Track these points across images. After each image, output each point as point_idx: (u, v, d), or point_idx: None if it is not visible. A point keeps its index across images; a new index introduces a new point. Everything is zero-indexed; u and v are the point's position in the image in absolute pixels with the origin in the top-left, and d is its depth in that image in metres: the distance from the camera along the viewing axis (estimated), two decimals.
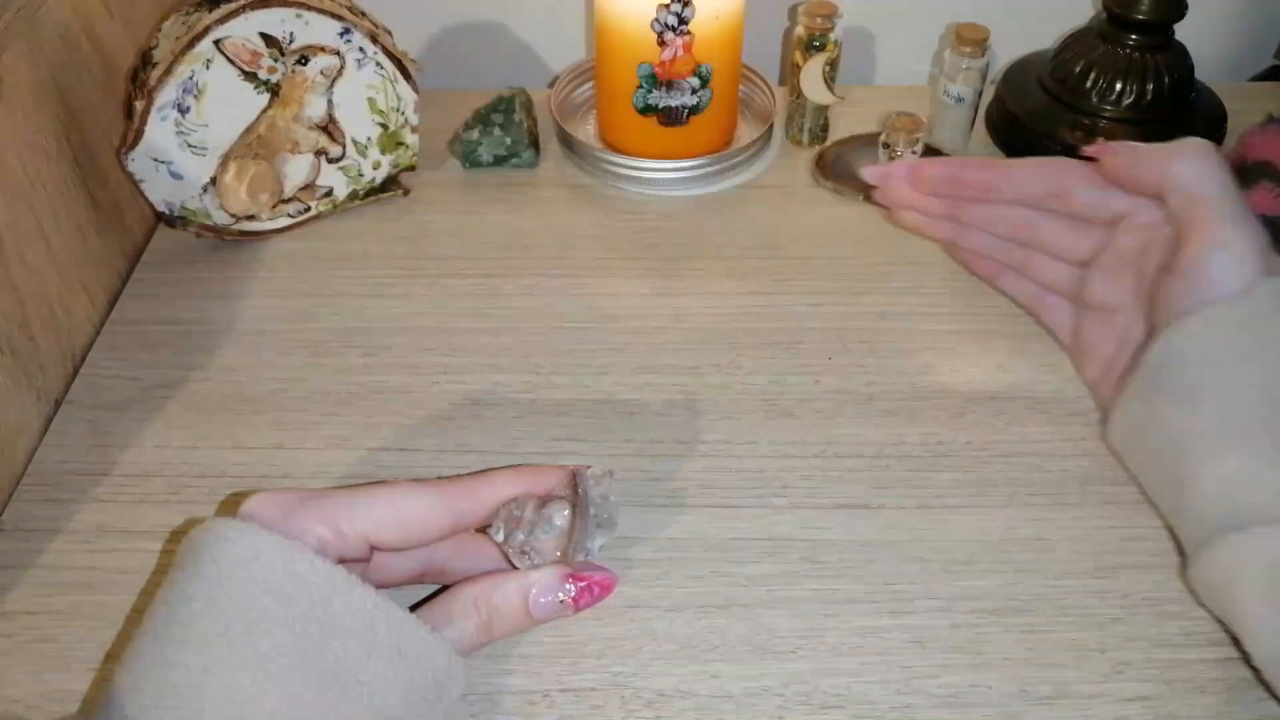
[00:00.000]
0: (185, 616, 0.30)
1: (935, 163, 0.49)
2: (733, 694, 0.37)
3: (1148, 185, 0.42)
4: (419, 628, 0.32)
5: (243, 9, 0.50)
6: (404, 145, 0.59)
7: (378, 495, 0.34)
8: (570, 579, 0.35)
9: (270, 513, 0.32)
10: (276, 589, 0.30)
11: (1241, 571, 0.35)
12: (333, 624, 0.30)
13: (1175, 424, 0.39)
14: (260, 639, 0.30)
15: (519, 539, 0.36)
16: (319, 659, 0.30)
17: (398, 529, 0.34)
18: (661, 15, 0.55)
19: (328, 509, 0.33)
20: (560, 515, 0.36)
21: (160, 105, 0.51)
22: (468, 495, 0.36)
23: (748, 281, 0.55)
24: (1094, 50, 0.60)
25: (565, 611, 0.35)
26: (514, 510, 0.36)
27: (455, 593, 0.35)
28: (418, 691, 0.32)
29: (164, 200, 0.54)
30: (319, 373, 0.50)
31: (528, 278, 0.55)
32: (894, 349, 0.51)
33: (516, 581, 0.35)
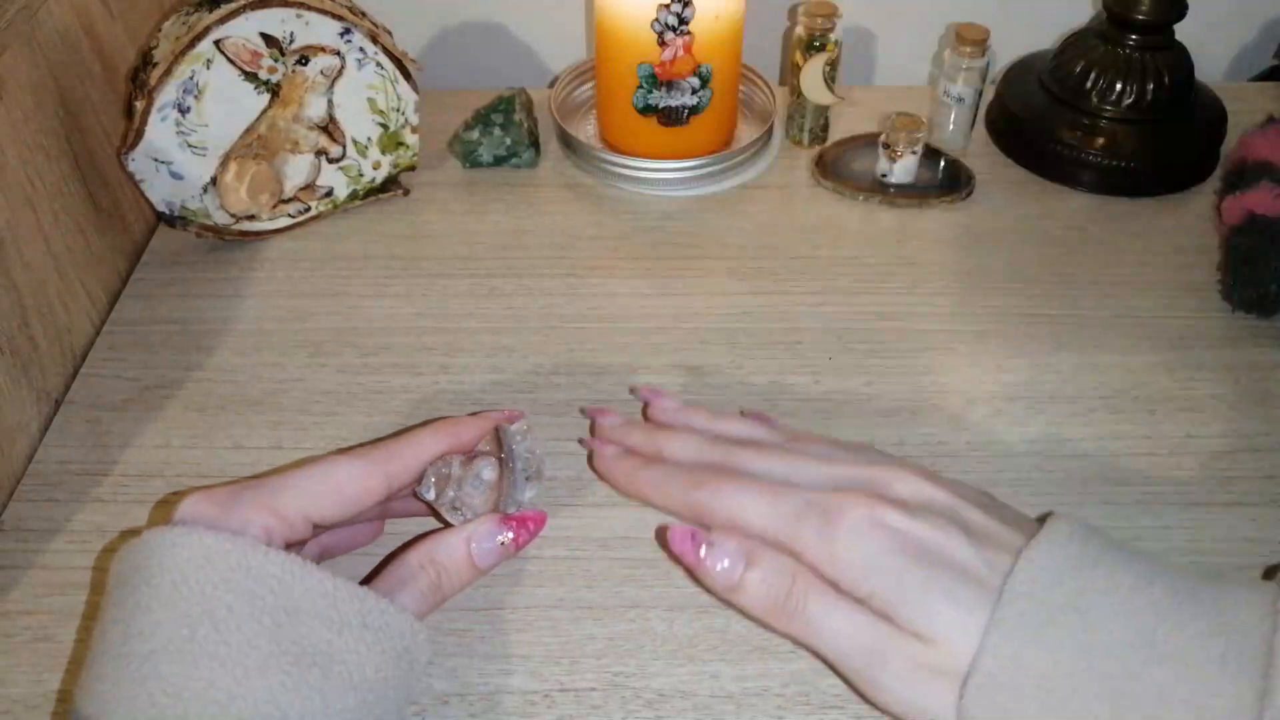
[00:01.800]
0: (146, 628, 0.30)
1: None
2: (733, 694, 0.37)
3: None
4: (379, 601, 0.32)
5: (243, 9, 0.50)
6: (404, 145, 0.59)
7: (310, 473, 0.34)
8: (504, 522, 0.36)
9: (208, 511, 0.32)
10: (235, 585, 0.30)
11: None
12: (297, 609, 0.31)
13: None
14: (231, 635, 0.29)
15: (449, 495, 0.37)
16: (293, 646, 0.30)
17: (335, 503, 0.34)
18: (662, 15, 0.55)
19: (264, 497, 0.33)
20: (488, 470, 0.37)
21: (160, 105, 0.51)
22: (396, 457, 0.37)
23: (748, 281, 0.55)
24: (1094, 50, 0.60)
25: (508, 553, 0.36)
26: (441, 468, 0.37)
27: (400, 560, 0.35)
28: (390, 663, 0.32)
29: (164, 200, 0.54)
30: (319, 373, 0.50)
31: (528, 278, 0.55)
32: (894, 349, 0.51)
33: (455, 535, 0.36)
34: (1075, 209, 0.60)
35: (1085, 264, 0.56)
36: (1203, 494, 0.44)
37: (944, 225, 0.59)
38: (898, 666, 0.32)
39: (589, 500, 0.44)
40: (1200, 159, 0.62)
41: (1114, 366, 0.50)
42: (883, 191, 0.60)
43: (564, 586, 0.41)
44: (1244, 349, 0.51)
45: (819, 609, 0.33)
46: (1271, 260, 0.50)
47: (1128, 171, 0.60)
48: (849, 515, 0.34)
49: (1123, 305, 0.53)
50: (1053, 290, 0.54)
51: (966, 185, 0.60)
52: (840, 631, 0.33)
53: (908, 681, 0.32)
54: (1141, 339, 0.51)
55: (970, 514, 0.35)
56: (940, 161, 0.62)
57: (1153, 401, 0.48)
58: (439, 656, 0.38)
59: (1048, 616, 0.31)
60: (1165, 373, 0.49)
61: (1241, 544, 0.42)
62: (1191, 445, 0.46)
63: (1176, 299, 0.53)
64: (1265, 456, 0.45)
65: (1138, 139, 0.60)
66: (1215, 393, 0.48)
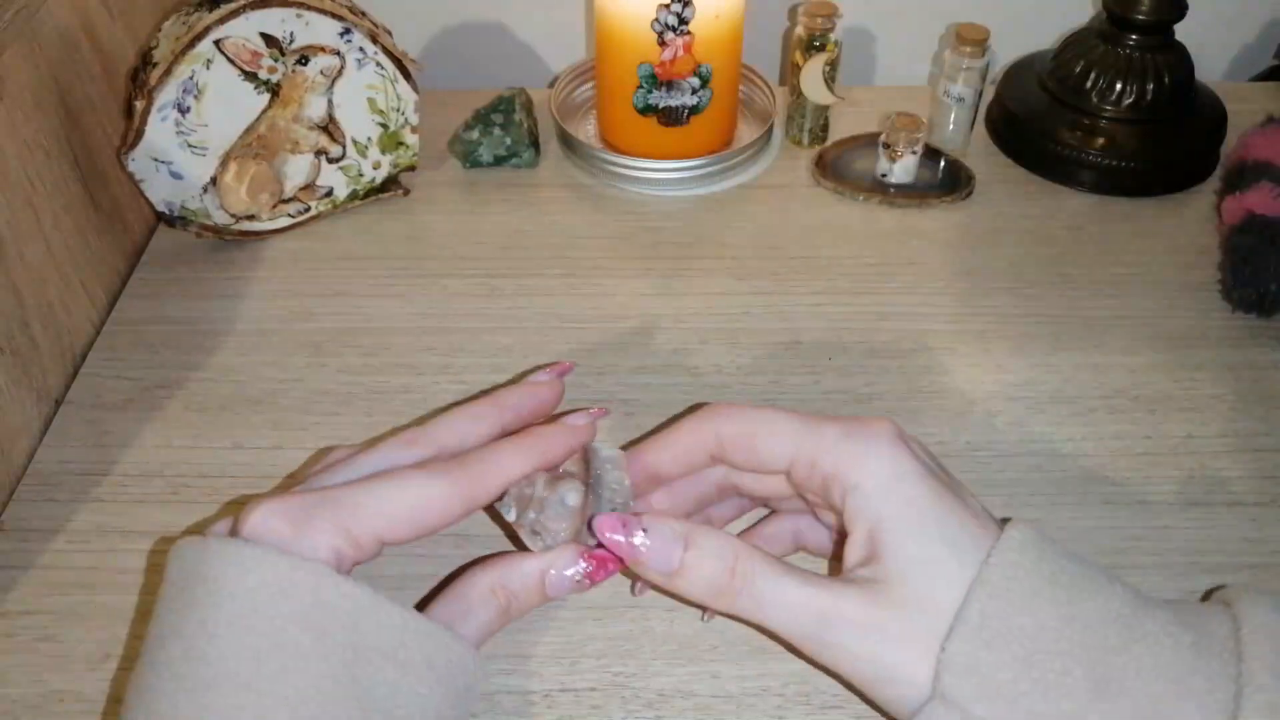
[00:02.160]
0: (210, 654, 0.29)
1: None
2: (733, 694, 0.37)
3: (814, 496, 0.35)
4: (448, 637, 0.31)
5: (243, 9, 0.50)
6: (404, 145, 0.59)
7: (387, 490, 0.32)
8: (584, 556, 0.34)
9: (280, 530, 0.30)
10: (305, 619, 0.29)
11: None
12: (365, 648, 0.30)
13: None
14: (295, 676, 0.28)
15: (530, 518, 0.35)
16: (354, 687, 0.29)
17: (410, 524, 0.32)
18: (662, 15, 0.55)
19: (339, 517, 0.31)
20: (573, 495, 0.35)
21: (160, 105, 0.51)
22: (479, 480, 0.34)
23: (748, 281, 0.55)
24: (1094, 50, 0.60)
25: (581, 588, 0.34)
26: (525, 488, 0.35)
27: (470, 581, 0.34)
28: (450, 702, 0.31)
29: (164, 200, 0.54)
30: (319, 373, 0.50)
31: (528, 278, 0.55)
32: (894, 349, 0.51)
33: (532, 562, 0.34)
34: (1075, 209, 0.60)
35: (1085, 264, 0.56)
36: (1203, 494, 0.44)
37: (944, 225, 0.59)
38: (860, 624, 0.31)
39: None
40: (1200, 159, 0.62)
41: (1114, 366, 0.50)
42: (883, 191, 0.60)
43: None
44: (1244, 349, 0.51)
45: (767, 582, 0.32)
46: (1271, 260, 0.50)
47: (1128, 171, 0.60)
48: (878, 425, 0.33)
49: (1123, 305, 0.53)
50: (1053, 290, 0.54)
51: (966, 185, 0.60)
52: (793, 601, 0.31)
53: (871, 639, 0.31)
54: (1141, 339, 0.51)
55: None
56: (940, 161, 0.62)
57: (1153, 401, 0.48)
58: None
59: (1034, 585, 0.30)
60: (1165, 373, 0.49)
61: (1241, 544, 0.42)
62: (1191, 445, 0.46)
63: (1176, 299, 0.53)
64: (1265, 456, 0.45)
65: (1138, 139, 0.60)
66: (1215, 393, 0.48)
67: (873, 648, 0.31)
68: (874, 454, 0.32)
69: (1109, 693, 0.29)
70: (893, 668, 0.31)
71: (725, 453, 0.35)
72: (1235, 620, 0.30)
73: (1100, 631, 0.29)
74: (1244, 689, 0.28)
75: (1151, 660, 0.29)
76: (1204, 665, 0.29)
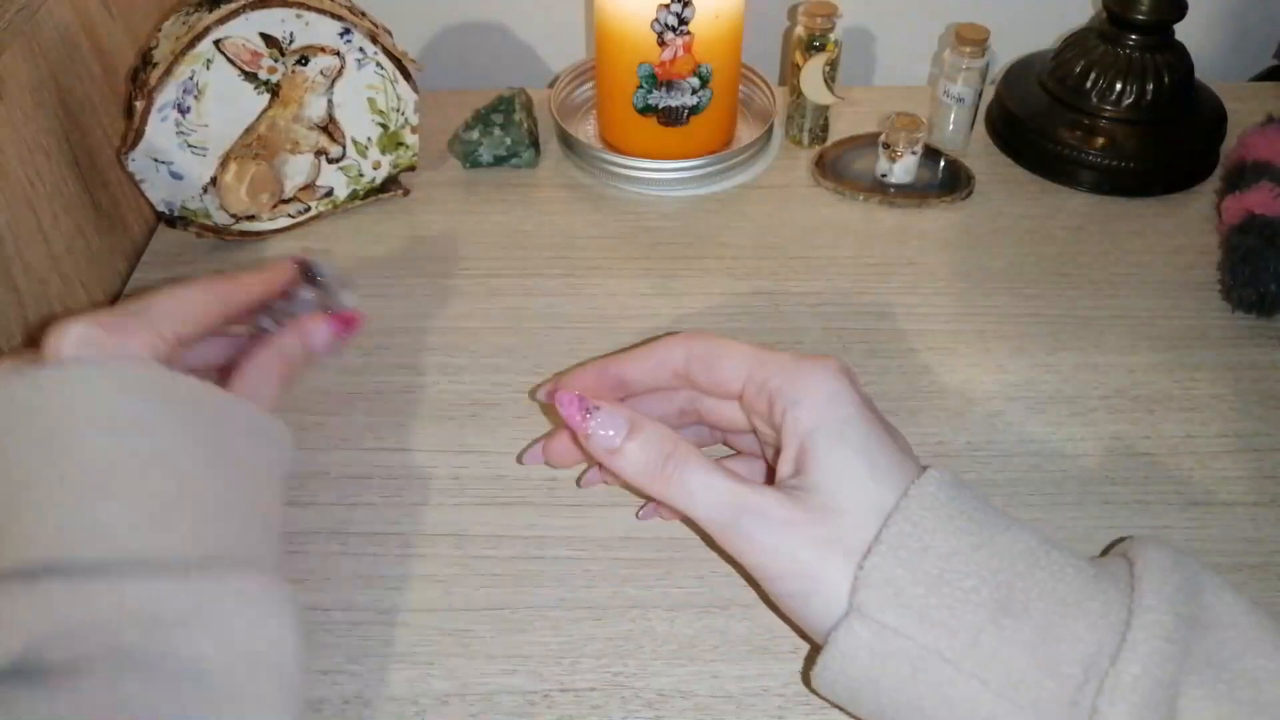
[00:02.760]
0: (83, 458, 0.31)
1: (570, 384, 0.40)
2: (733, 694, 0.37)
3: (756, 412, 0.37)
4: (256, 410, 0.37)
5: (243, 9, 0.50)
6: (404, 145, 0.59)
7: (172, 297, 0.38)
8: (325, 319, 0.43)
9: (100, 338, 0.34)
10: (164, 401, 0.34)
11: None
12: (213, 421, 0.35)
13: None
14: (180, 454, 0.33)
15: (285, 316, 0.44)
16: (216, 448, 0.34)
17: (192, 323, 0.38)
18: (661, 15, 0.55)
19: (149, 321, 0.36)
20: (306, 291, 0.45)
21: (160, 105, 0.51)
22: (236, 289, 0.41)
23: (748, 281, 0.55)
24: (1094, 50, 0.60)
25: (336, 342, 0.43)
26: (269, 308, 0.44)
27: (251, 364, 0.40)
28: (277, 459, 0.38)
29: (164, 200, 0.54)
30: (319, 373, 0.50)
31: (528, 278, 0.55)
32: (894, 349, 0.51)
33: (289, 334, 0.42)
34: (1075, 209, 0.60)
35: (1085, 264, 0.56)
36: (1203, 494, 0.44)
37: (944, 225, 0.59)
38: (777, 520, 0.33)
39: (589, 500, 0.44)
40: (1200, 159, 0.62)
41: (1114, 366, 0.50)
42: (883, 191, 0.60)
43: (564, 586, 0.41)
44: (1244, 349, 0.51)
45: (695, 474, 0.34)
46: (1271, 260, 0.50)
47: (1128, 171, 0.60)
48: (824, 359, 0.36)
49: (1123, 305, 0.53)
50: (1053, 290, 0.54)
51: (966, 185, 0.60)
52: (714, 489, 0.34)
53: (785, 535, 0.33)
54: (1141, 339, 0.51)
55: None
56: (940, 161, 0.62)
57: (1153, 401, 0.48)
58: (439, 656, 0.39)
59: (949, 514, 0.32)
60: (1165, 373, 0.49)
61: (1241, 544, 0.42)
62: (1191, 445, 0.46)
63: (1176, 299, 0.53)
64: (1265, 456, 0.45)
65: (1138, 139, 0.60)
66: (1215, 393, 0.48)
67: (784, 543, 0.33)
68: (817, 377, 0.35)
69: (1012, 610, 0.31)
70: (802, 564, 0.33)
71: (690, 371, 0.38)
72: (1131, 561, 0.33)
73: (1009, 559, 0.32)
74: (1134, 611, 0.30)
75: (1053, 585, 0.31)
76: (1101, 592, 0.31)
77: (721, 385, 0.38)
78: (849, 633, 0.31)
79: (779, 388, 0.35)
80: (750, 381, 0.37)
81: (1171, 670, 0.29)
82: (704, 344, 0.38)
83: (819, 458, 0.34)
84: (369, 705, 0.37)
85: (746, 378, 0.37)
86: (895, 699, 0.31)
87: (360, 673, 0.38)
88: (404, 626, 0.40)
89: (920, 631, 0.31)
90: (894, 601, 0.31)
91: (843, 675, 0.32)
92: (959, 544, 0.32)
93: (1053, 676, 0.30)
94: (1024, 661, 0.30)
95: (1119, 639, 0.30)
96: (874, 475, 0.33)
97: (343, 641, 0.39)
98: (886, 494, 0.33)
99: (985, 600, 0.31)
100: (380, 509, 0.44)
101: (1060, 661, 0.30)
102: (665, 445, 0.35)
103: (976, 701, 0.30)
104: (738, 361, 0.37)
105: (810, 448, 0.34)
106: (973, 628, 0.30)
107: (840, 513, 0.33)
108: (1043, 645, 0.30)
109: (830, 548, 0.32)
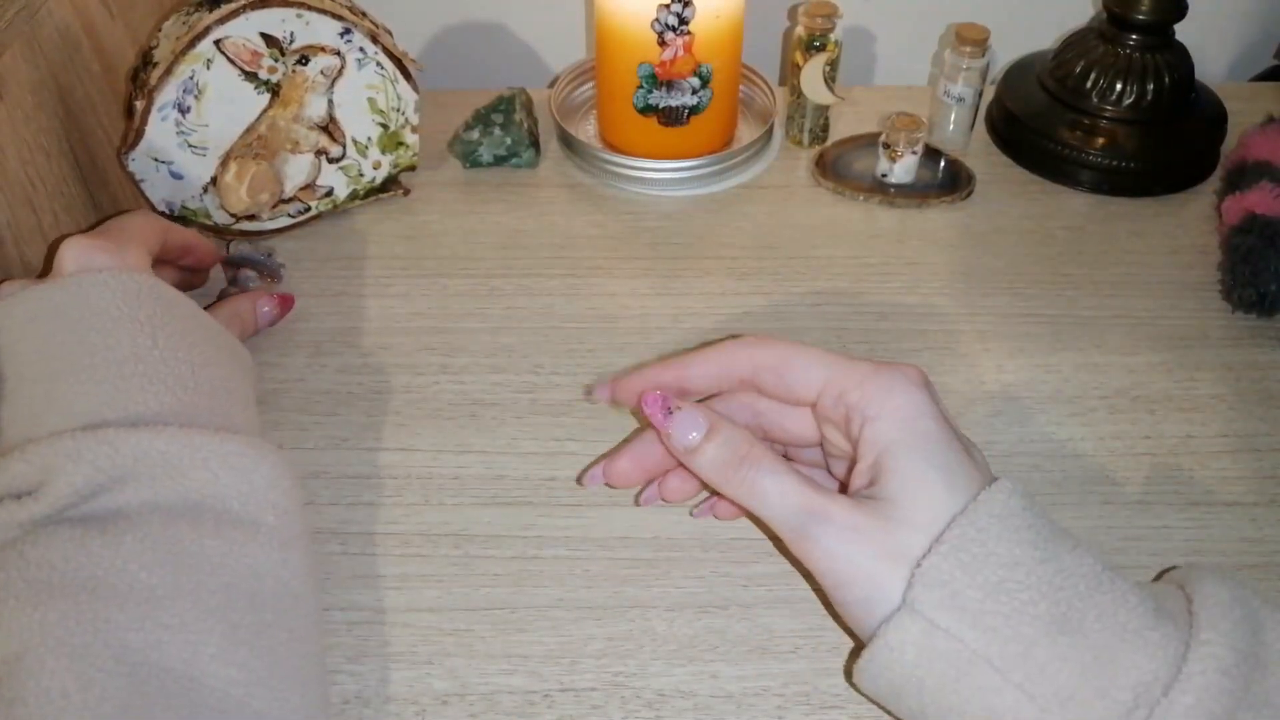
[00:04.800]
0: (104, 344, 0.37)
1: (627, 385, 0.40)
2: (733, 694, 0.37)
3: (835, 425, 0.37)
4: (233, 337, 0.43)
5: (243, 9, 0.50)
6: (404, 145, 0.59)
7: (140, 222, 0.44)
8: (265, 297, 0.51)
9: (106, 260, 0.39)
10: (174, 311, 0.40)
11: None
12: (202, 326, 0.41)
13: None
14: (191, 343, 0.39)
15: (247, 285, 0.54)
16: (207, 342, 0.40)
17: (155, 245, 0.44)
18: (662, 15, 0.55)
19: (139, 239, 0.42)
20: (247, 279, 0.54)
21: (160, 105, 0.51)
22: (166, 222, 0.47)
23: (748, 281, 0.55)
24: (1094, 50, 0.60)
25: (275, 311, 0.51)
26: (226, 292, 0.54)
27: (218, 310, 0.48)
28: (249, 377, 0.43)
29: (164, 200, 0.54)
30: (319, 373, 0.50)
31: (528, 278, 0.55)
32: (894, 349, 0.51)
33: (244, 300, 0.50)
34: (1075, 209, 0.60)
35: (1085, 264, 0.56)
36: (1203, 494, 0.44)
37: (944, 225, 0.59)
38: (844, 527, 0.33)
39: (589, 500, 0.44)
40: (1200, 159, 0.62)
41: (1114, 366, 0.50)
42: (883, 191, 0.60)
43: (564, 586, 0.41)
44: (1244, 349, 0.51)
45: (768, 475, 0.35)
46: (1271, 260, 0.50)
47: (1128, 171, 0.60)
48: (907, 369, 0.36)
49: (1123, 305, 0.53)
50: (1053, 290, 0.54)
51: (966, 185, 0.60)
52: (784, 491, 0.34)
53: (851, 542, 0.33)
54: (1141, 339, 0.51)
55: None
56: (940, 161, 0.62)
57: (1153, 401, 0.48)
58: (439, 656, 0.39)
59: (1016, 525, 0.32)
60: (1165, 373, 0.49)
61: (1241, 544, 0.42)
62: (1191, 445, 0.46)
63: (1176, 299, 0.53)
64: (1265, 456, 0.45)
65: (1138, 139, 0.60)
66: (1215, 393, 0.48)
67: (852, 550, 0.33)
68: (899, 390, 0.35)
69: (1068, 628, 0.30)
70: (867, 572, 0.33)
71: (757, 378, 0.38)
72: (1188, 594, 0.32)
73: (1072, 578, 0.31)
74: (1191, 644, 0.30)
75: (1114, 610, 0.31)
76: (1160, 624, 0.31)
77: (794, 393, 0.37)
78: (899, 627, 0.31)
79: (858, 402, 0.35)
80: (826, 392, 0.36)
81: (1227, 704, 0.28)
82: (774, 352, 0.38)
83: (896, 471, 0.33)
84: (369, 705, 0.37)
85: (822, 388, 0.36)
86: (938, 701, 0.31)
87: (360, 673, 0.38)
88: (404, 626, 0.40)
89: (972, 636, 0.30)
90: (949, 602, 0.31)
91: (887, 670, 0.32)
92: (1023, 555, 0.31)
93: (1102, 698, 0.29)
94: (1074, 680, 0.30)
95: (1175, 670, 0.29)
96: (950, 490, 0.33)
97: (343, 641, 0.39)
98: (958, 501, 0.33)
99: (1042, 614, 0.30)
100: (380, 509, 0.44)
101: (1112, 685, 0.29)
102: (741, 447, 0.35)
103: (1019, 713, 0.30)
104: (813, 370, 0.37)
105: (887, 461, 0.34)
106: (1026, 639, 0.30)
107: (913, 526, 0.32)
108: (1096, 666, 0.30)
109: (898, 559, 0.32)
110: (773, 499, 0.35)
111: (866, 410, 0.35)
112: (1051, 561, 0.31)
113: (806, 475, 0.35)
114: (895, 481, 0.33)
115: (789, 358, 0.37)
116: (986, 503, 0.32)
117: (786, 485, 0.34)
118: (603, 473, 0.41)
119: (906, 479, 0.33)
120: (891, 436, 0.34)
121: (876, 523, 0.33)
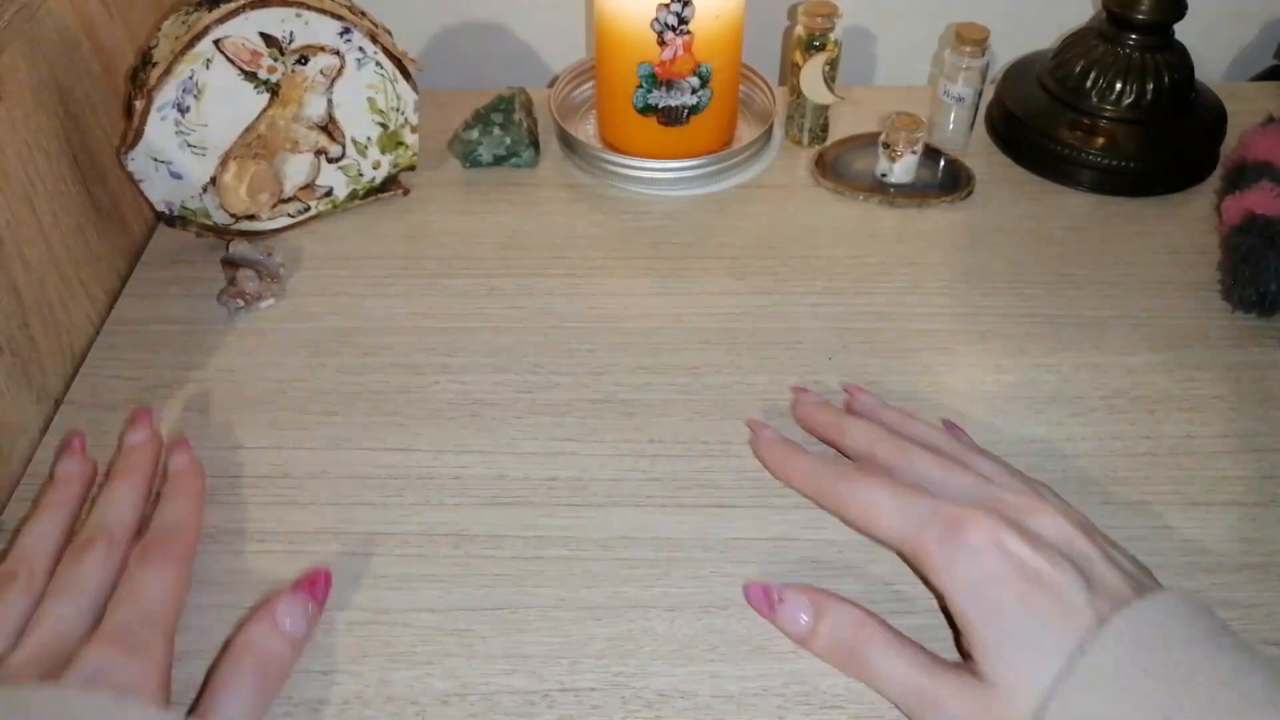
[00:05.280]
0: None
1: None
2: (733, 694, 0.37)
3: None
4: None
5: (242, 9, 0.50)
6: (404, 145, 0.59)
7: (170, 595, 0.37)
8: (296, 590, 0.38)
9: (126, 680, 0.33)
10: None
11: None
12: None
13: None
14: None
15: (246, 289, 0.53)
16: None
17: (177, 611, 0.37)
18: (661, 15, 0.55)
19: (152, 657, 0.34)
20: (247, 279, 0.53)
21: (160, 105, 0.51)
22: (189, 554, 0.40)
23: (748, 281, 0.55)
24: (1094, 50, 0.60)
25: (316, 618, 0.38)
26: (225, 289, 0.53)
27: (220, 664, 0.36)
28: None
29: (164, 200, 0.54)
30: (318, 373, 0.50)
31: (528, 278, 0.55)
32: (894, 349, 0.51)
33: (257, 622, 0.37)
34: (1075, 209, 0.60)
35: (1085, 264, 0.56)
36: (1202, 494, 0.44)
37: (944, 225, 0.59)
38: (953, 711, 0.33)
39: (589, 500, 0.44)
40: (1200, 159, 0.62)
41: (1114, 366, 0.50)
42: (883, 191, 0.60)
43: (564, 586, 0.41)
44: (1244, 349, 0.51)
45: (879, 656, 0.36)
46: (1271, 260, 0.50)
47: (1128, 171, 0.60)
48: (971, 531, 0.35)
49: (1123, 305, 0.53)
50: (1053, 290, 0.54)
51: (966, 185, 0.60)
52: (896, 676, 0.35)
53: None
54: (1141, 339, 0.51)
55: (1102, 569, 0.34)
56: (940, 161, 0.62)
57: (1153, 401, 0.48)
58: (439, 656, 0.39)
59: (1131, 681, 0.30)
60: (1165, 373, 0.49)
61: (1241, 544, 0.42)
62: (1191, 445, 0.46)
63: (1176, 299, 0.53)
64: (1265, 456, 0.45)
65: (1138, 139, 0.60)
66: (1215, 393, 0.48)
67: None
68: (962, 562, 0.35)
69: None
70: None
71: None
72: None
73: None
74: None
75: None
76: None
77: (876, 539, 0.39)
78: None
79: (929, 573, 0.36)
80: (902, 552, 0.38)
81: None
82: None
83: (979, 649, 0.33)
84: (369, 705, 0.37)
85: (897, 548, 0.38)
86: None
87: (360, 673, 0.38)
88: (404, 626, 0.40)
89: None
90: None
91: None
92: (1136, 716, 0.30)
93: None
94: None
95: None
96: (1038, 656, 0.32)
97: (343, 641, 0.39)
98: (1054, 666, 0.31)
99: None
100: (380, 509, 0.44)
101: None
102: (850, 627, 0.36)
103: None
104: (885, 532, 0.38)
105: (971, 638, 0.34)
106: None
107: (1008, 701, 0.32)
108: None
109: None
110: (885, 683, 0.35)
111: (938, 582, 0.35)
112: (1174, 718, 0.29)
113: (913, 647, 0.36)
114: (985, 663, 0.33)
115: (865, 516, 0.38)
116: (1087, 665, 0.31)
117: (896, 668, 0.35)
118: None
119: (994, 661, 0.33)
120: (965, 615, 0.34)
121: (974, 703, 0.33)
